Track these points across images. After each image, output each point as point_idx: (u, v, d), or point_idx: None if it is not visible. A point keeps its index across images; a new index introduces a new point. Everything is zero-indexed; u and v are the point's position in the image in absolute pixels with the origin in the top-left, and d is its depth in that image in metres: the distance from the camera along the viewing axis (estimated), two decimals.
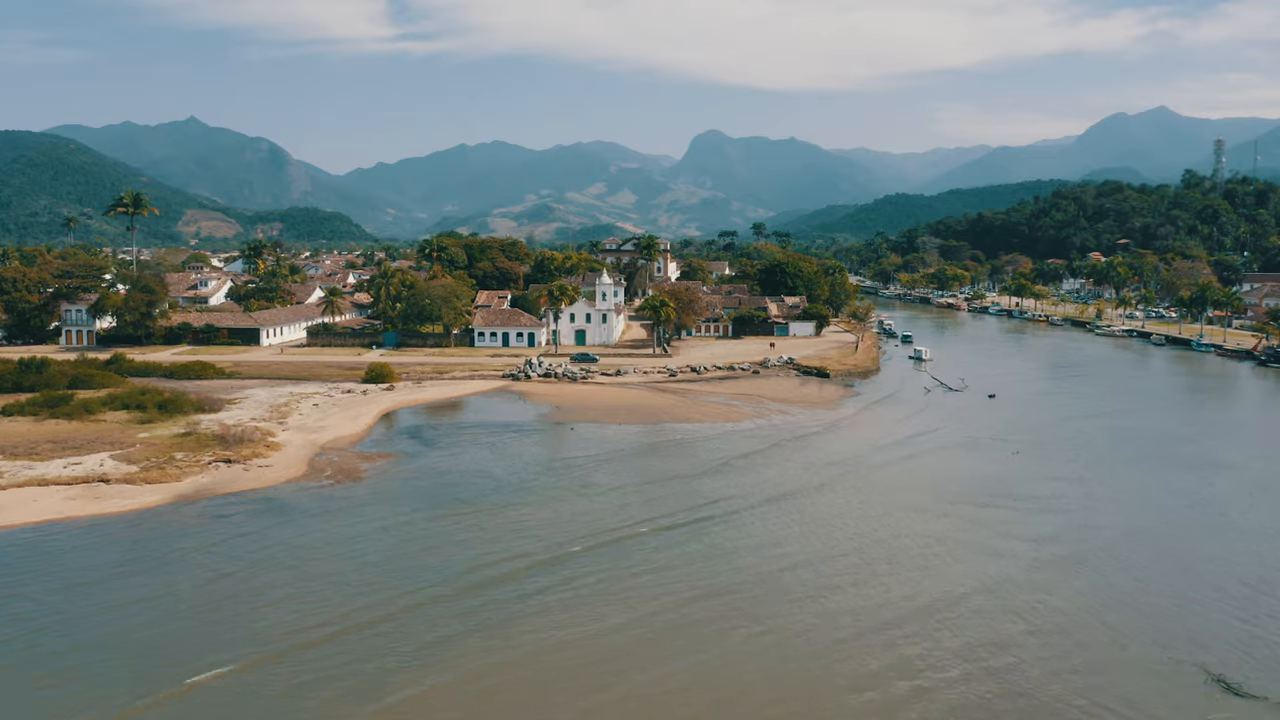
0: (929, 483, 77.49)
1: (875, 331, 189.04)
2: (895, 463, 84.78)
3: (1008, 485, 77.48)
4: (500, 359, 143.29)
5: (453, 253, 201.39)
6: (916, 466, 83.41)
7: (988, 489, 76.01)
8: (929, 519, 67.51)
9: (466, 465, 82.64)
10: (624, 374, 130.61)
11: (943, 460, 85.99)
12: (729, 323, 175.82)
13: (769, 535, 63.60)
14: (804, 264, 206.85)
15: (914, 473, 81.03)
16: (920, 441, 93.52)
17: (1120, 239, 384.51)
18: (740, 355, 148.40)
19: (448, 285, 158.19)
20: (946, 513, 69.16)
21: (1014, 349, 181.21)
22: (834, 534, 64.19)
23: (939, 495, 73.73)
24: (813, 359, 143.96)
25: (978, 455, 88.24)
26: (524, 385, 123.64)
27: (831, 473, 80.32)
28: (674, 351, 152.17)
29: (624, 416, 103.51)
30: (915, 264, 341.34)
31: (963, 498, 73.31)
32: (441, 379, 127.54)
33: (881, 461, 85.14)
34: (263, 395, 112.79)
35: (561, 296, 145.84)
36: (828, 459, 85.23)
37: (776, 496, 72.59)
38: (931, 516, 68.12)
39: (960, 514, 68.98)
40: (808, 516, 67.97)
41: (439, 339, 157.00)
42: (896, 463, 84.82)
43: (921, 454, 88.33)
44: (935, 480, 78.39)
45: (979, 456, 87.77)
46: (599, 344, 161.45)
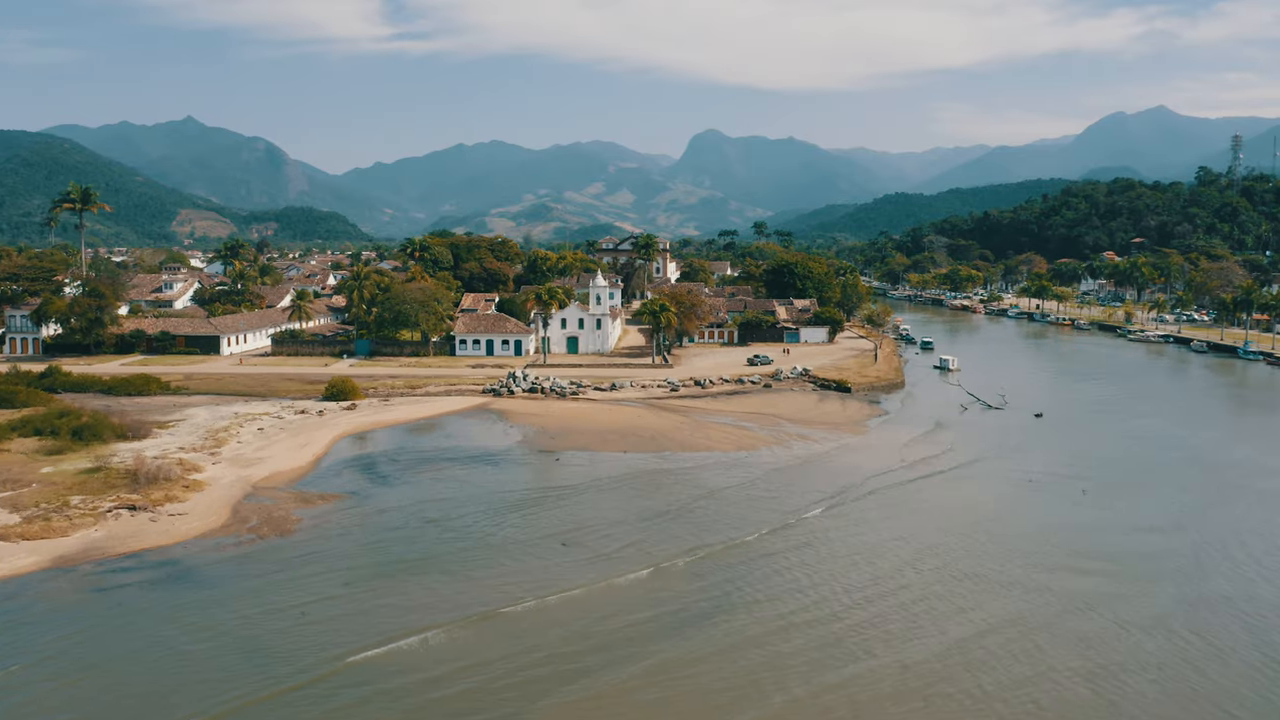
0: (992, 538, 61.99)
1: (892, 337, 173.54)
2: (947, 510, 69.27)
3: (1089, 538, 62.03)
4: (482, 370, 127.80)
5: (437, 252, 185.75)
6: (973, 516, 67.88)
7: (1066, 544, 60.56)
8: (1007, 595, 52.08)
9: (424, 511, 67.03)
10: (620, 388, 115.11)
11: (1002, 505, 70.51)
12: (734, 328, 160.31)
13: (820, 649, 48.07)
14: (814, 264, 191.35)
15: (973, 526, 65.48)
16: (970, 478, 78.12)
17: (1135, 238, 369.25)
18: (749, 365, 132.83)
19: (426, 288, 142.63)
20: (1023, 583, 53.78)
21: (1043, 356, 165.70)
22: (916, 646, 48.69)
23: (1007, 556, 58.31)
24: (829, 370, 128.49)
25: (1042, 496, 72.81)
26: (506, 402, 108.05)
27: (883, 532, 64.84)
28: (675, 361, 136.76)
29: (618, 442, 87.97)
30: (925, 264, 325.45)
31: (1038, 559, 57.86)
32: (413, 395, 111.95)
33: (931, 509, 69.62)
34: (203, 417, 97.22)
35: (551, 301, 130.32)
36: (871, 512, 69.72)
37: (821, 588, 57.10)
38: (1009, 590, 52.72)
39: (1043, 584, 53.55)
40: (871, 619, 52.52)
41: (416, 347, 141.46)
42: (948, 510, 69.30)
43: (976, 496, 72.84)
44: (997, 533, 62.91)
45: (1044, 498, 72.34)
46: (593, 352, 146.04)
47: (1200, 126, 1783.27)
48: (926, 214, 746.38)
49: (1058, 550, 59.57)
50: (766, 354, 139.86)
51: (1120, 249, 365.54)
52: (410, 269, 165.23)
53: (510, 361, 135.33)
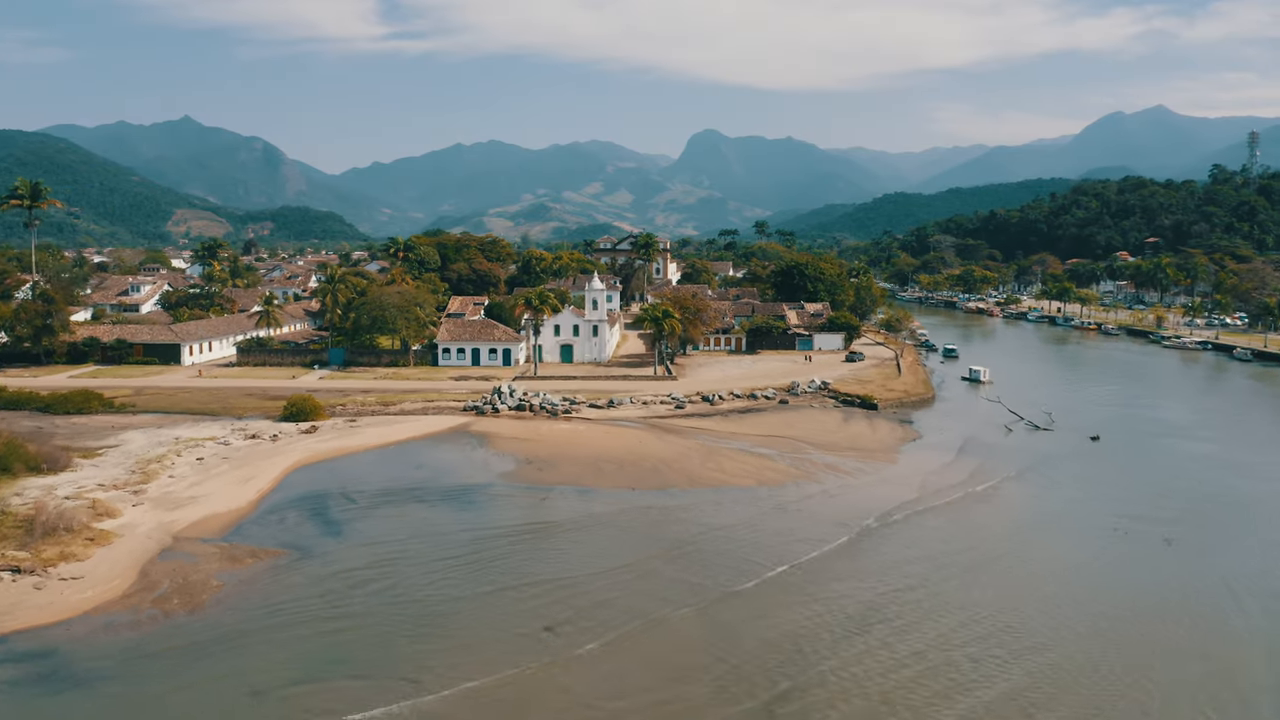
0: (1095, 616, 48.98)
1: (910, 344, 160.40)
2: (1033, 577, 56.17)
3: (1192, 612, 49.10)
4: (466, 383, 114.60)
5: (423, 253, 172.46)
6: (1067, 587, 54.82)
7: (1172, 623, 47.62)
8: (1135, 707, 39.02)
9: (375, 576, 53.82)
10: (618, 405, 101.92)
11: (1082, 562, 57.47)
12: (742, 335, 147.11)
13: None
14: (825, 265, 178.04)
15: (1074, 603, 52.44)
16: (1044, 523, 65.06)
17: (1148, 237, 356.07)
18: (760, 377, 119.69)
19: (407, 292, 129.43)
20: (1139, 690, 40.73)
21: (1077, 365, 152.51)
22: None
23: (1114, 644, 45.30)
24: (850, 383, 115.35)
25: (1122, 547, 59.79)
26: (490, 423, 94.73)
27: (938, 600, 51.74)
28: (679, 372, 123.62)
29: (617, 475, 74.77)
30: (935, 264, 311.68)
31: (1150, 652, 44.83)
32: (385, 414, 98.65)
33: (1017, 578, 56.51)
34: (139, 442, 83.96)
35: (543, 306, 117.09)
36: (945, 584, 56.58)
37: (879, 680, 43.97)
38: (1130, 695, 39.67)
39: (1157, 688, 40.50)
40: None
41: (395, 357, 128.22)
42: (1034, 577, 56.21)
43: (1058, 553, 59.78)
44: (1114, 615, 49.90)
45: (1124, 550, 59.32)
46: (589, 361, 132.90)
47: (1200, 126, 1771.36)
48: (926, 214, 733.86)
49: (1177, 636, 46.54)
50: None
51: (1134, 249, 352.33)
52: (391, 271, 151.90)
53: (498, 372, 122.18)
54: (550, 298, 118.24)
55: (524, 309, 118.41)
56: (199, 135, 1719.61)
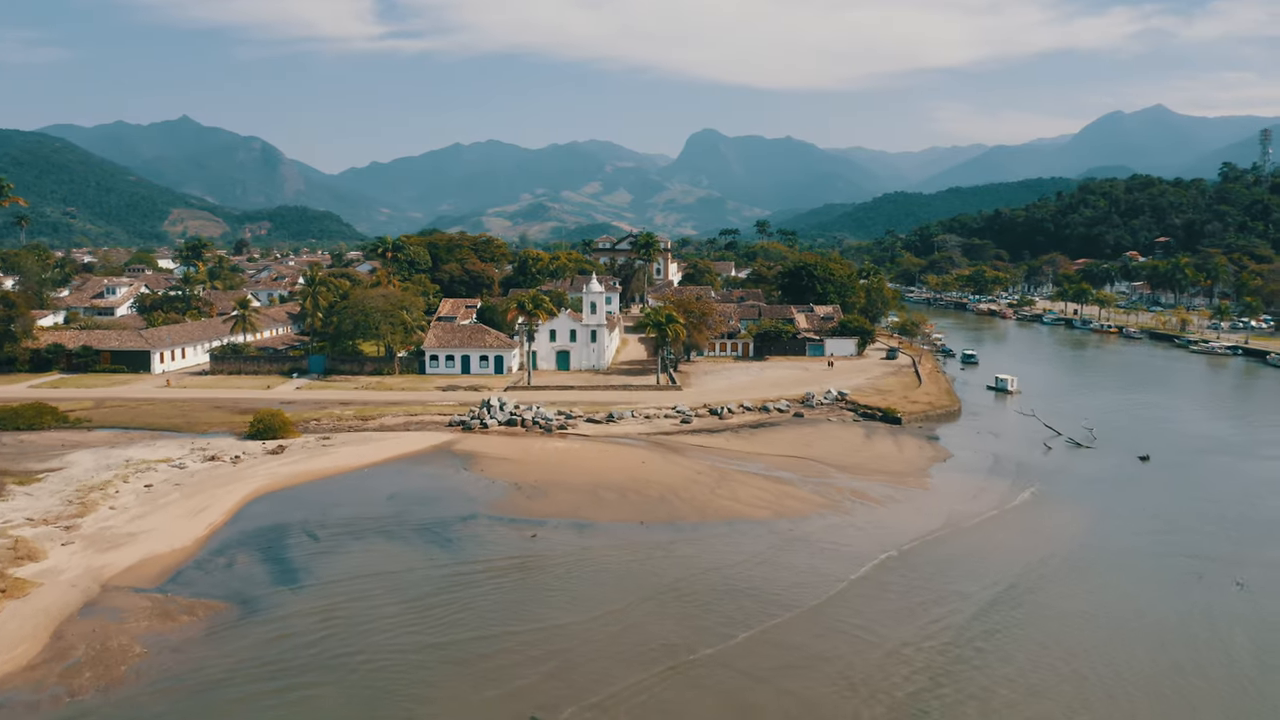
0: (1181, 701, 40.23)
1: (926, 349, 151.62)
2: (1086, 631, 47.41)
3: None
4: (455, 394, 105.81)
5: (412, 252, 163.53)
6: (1135, 644, 46.07)
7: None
8: None
9: (328, 638, 45.04)
10: (619, 419, 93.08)
11: (1159, 614, 48.69)
12: (749, 340, 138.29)
13: None
14: (835, 266, 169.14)
15: (1133, 662, 43.68)
16: (1092, 561, 56.31)
17: (1159, 237, 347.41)
18: (772, 387, 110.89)
19: (392, 295, 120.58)
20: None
21: (1104, 372, 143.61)
22: None
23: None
24: (869, 393, 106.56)
25: (1196, 593, 51.05)
26: (477, 440, 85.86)
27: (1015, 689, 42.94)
28: (683, 380, 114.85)
29: (618, 505, 65.96)
30: (943, 265, 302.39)
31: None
32: (363, 429, 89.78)
33: (1064, 628, 47.73)
34: (86, 465, 75.14)
35: (537, 310, 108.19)
36: (1018, 651, 47.84)
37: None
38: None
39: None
40: None
41: (379, 364, 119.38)
42: (1087, 632, 47.44)
43: (1113, 598, 51.00)
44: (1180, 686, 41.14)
45: (1199, 596, 50.57)
46: (587, 368, 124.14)
47: (1199, 126, 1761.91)
48: (926, 213, 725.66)
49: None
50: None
51: (1144, 249, 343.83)
52: (378, 272, 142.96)
53: (489, 381, 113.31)
54: (545, 301, 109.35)
55: (517, 313, 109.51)
56: (197, 135, 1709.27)
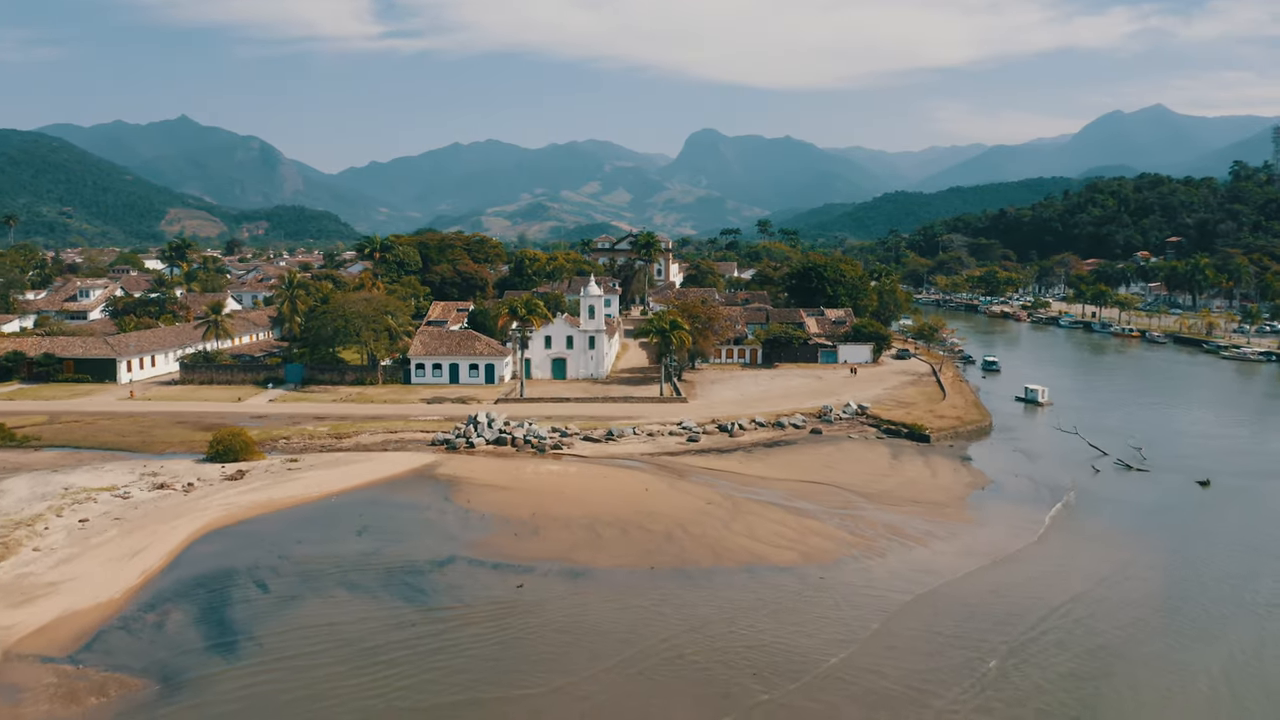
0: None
1: (943, 354, 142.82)
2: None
3: None
4: (441, 406, 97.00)
5: (401, 253, 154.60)
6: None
7: None
8: None
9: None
10: (619, 437, 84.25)
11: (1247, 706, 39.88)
12: (757, 345, 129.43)
13: None
14: (846, 267, 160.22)
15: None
16: (1180, 621, 47.49)
17: (1170, 236, 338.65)
18: (784, 398, 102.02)
19: (375, 299, 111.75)
20: None
21: (1133, 380, 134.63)
22: None
23: None
24: (890, 406, 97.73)
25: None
26: (462, 462, 76.97)
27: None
28: (688, 390, 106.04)
29: (619, 545, 57.11)
30: (952, 265, 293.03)
31: None
32: (337, 449, 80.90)
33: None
34: (19, 494, 66.26)
35: (530, 315, 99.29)
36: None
37: None
38: None
39: None
40: None
41: (362, 373, 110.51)
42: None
43: (1213, 662, 42.16)
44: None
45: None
46: (585, 377, 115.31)
47: (1199, 125, 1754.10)
48: (927, 213, 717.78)
49: None
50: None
51: (1155, 249, 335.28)
52: (360, 274, 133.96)
53: (479, 392, 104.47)
54: (539, 306, 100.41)
55: (509, 318, 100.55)
56: (196, 135, 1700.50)
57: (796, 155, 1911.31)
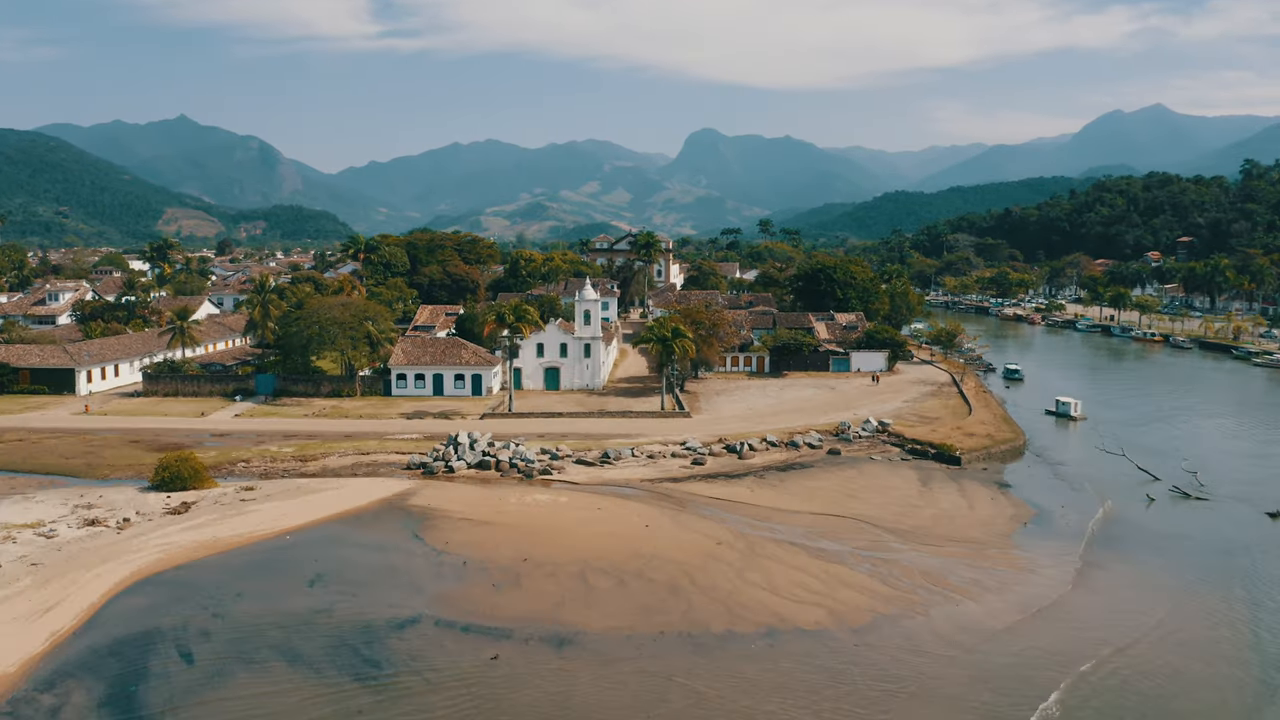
0: None
1: (961, 362, 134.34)
2: None
3: None
4: (422, 422, 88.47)
5: (387, 253, 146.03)
6: None
7: None
8: None
9: None
10: (616, 459, 75.71)
11: None
12: (765, 353, 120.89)
13: None
14: (856, 268, 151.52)
15: None
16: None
17: (1181, 236, 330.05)
18: (797, 412, 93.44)
19: (354, 304, 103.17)
20: None
21: (1165, 390, 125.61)
22: None
23: None
24: (912, 421, 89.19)
25: None
26: (439, 491, 68.30)
27: None
28: (691, 403, 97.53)
29: (613, 600, 48.48)
30: (960, 266, 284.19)
31: None
32: (301, 473, 72.25)
33: None
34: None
35: (519, 322, 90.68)
36: None
37: None
38: None
39: None
40: None
41: (338, 384, 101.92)
42: None
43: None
44: None
45: None
46: (580, 388, 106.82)
47: (1199, 125, 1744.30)
48: (928, 212, 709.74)
49: None
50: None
51: (1165, 249, 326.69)
52: (339, 277, 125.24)
53: (464, 405, 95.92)
54: (530, 312, 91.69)
55: (495, 326, 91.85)
56: (195, 134, 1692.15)
57: (796, 155, 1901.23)
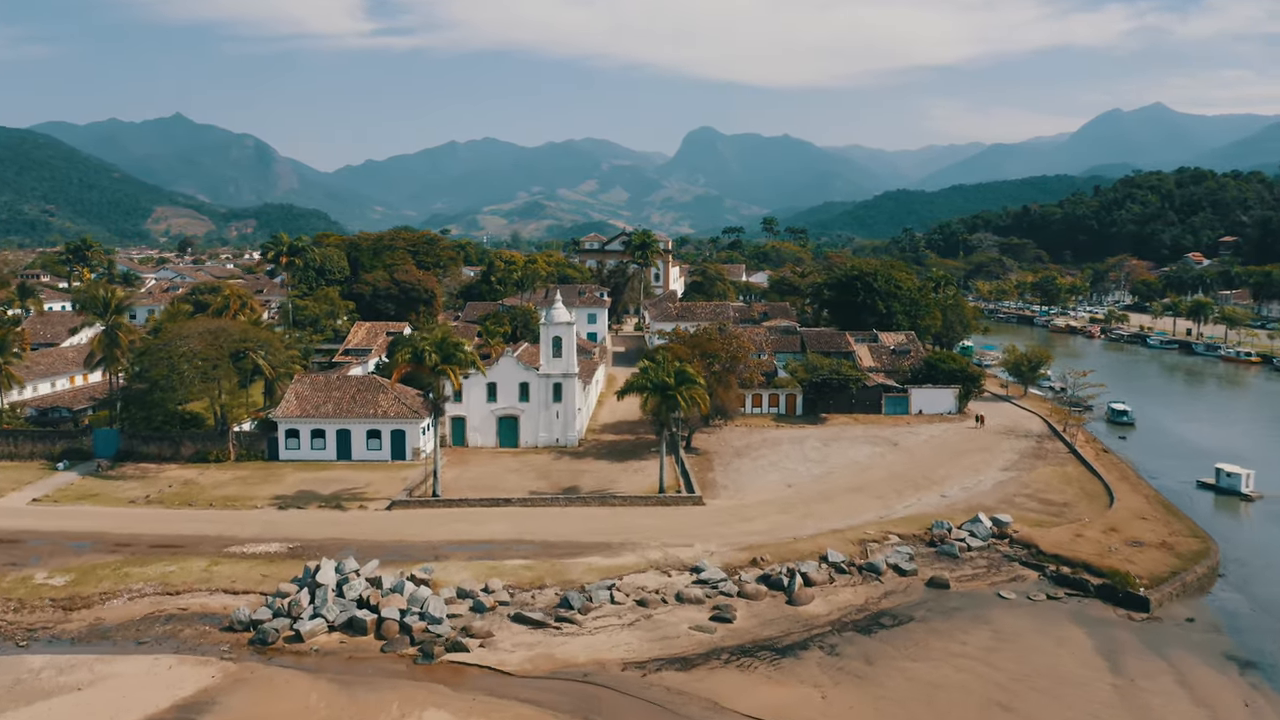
0: None
1: (1045, 397, 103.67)
2: None
3: None
4: (295, 518, 57.70)
5: (318, 255, 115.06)
6: None
7: None
8: None
9: None
10: (581, 611, 45.07)
11: None
12: (795, 388, 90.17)
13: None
14: (900, 275, 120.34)
15: None
16: None
17: (1223, 235, 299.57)
18: (856, 491, 62.79)
19: (229, 330, 72.28)
20: None
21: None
22: None
23: None
24: (1033, 510, 58.54)
25: None
26: (261, 694, 37.63)
27: None
28: (703, 473, 67.04)
29: None
30: (993, 269, 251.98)
31: None
32: (57, 630, 41.51)
33: None
34: None
35: (447, 364, 59.77)
36: None
37: None
38: None
39: None
40: None
41: (206, 443, 71.13)
42: None
43: None
44: None
45: None
46: (548, 444, 76.31)
47: (1198, 124, 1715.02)
48: (929, 211, 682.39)
49: None
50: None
51: (1207, 250, 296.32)
52: (225, 291, 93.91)
53: (374, 481, 65.25)
54: (462, 349, 60.79)
55: (410, 368, 60.89)
56: (190, 133, 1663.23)
57: (795, 154, 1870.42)
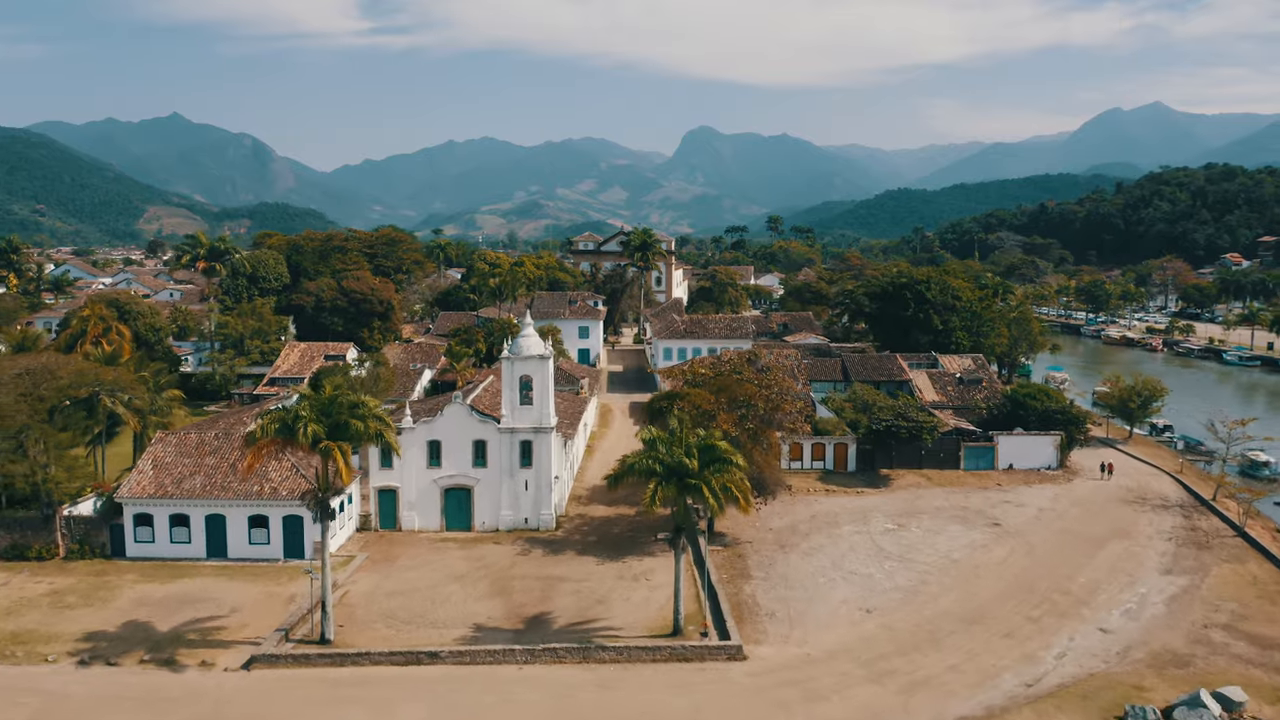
0: None
1: (1155, 438, 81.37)
2: None
3: None
4: (111, 675, 35.22)
5: (248, 260, 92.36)
6: None
7: None
8: None
9: None
10: None
11: None
12: (847, 435, 67.61)
13: None
14: (958, 283, 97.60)
15: None
16: None
17: (1262, 235, 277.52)
18: (973, 620, 40.63)
19: (52, 370, 49.73)
20: None
21: None
22: None
23: None
24: (1240, 653, 36.24)
25: None
26: None
27: None
28: (736, 592, 44.92)
29: None
30: (1027, 272, 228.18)
31: None
32: None
33: None
34: None
35: (335, 441, 37.47)
36: None
37: None
38: None
39: None
40: None
41: (29, 533, 48.75)
42: None
43: None
44: None
45: None
46: (512, 527, 53.85)
47: (1197, 123, 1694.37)
48: (931, 210, 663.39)
49: None
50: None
51: (1245, 250, 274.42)
52: (84, 310, 71.07)
53: (255, 598, 42.98)
54: (364, 419, 38.49)
55: (272, 445, 38.42)
56: (188, 132, 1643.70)
57: (794, 153, 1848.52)
